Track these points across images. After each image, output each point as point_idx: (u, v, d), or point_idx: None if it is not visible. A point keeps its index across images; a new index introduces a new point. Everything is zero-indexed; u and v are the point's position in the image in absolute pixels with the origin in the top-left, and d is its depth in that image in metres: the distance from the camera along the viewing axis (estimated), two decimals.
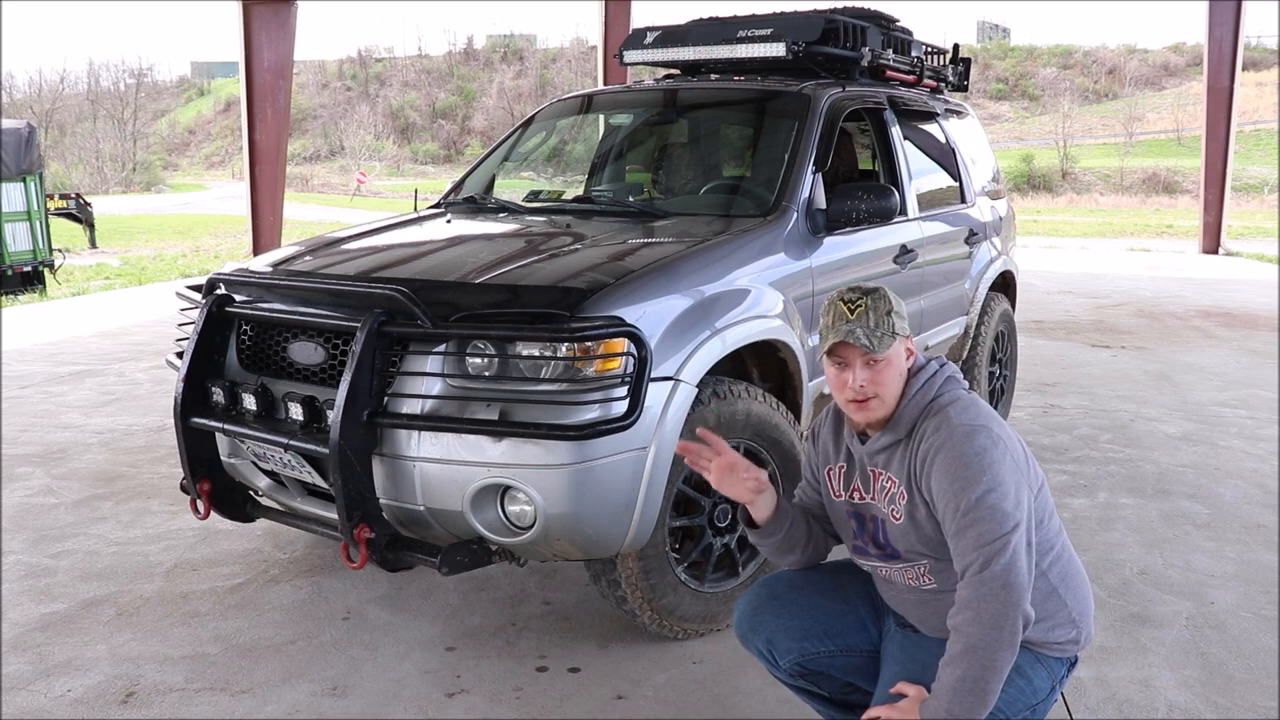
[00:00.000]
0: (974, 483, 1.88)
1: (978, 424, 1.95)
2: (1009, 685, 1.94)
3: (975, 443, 1.91)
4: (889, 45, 4.67)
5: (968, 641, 1.84)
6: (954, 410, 1.99)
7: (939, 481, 1.93)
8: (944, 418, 1.98)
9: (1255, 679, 2.88)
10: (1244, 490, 4.53)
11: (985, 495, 1.87)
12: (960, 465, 1.90)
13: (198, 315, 3.08)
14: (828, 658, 2.16)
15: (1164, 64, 65.89)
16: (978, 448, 1.91)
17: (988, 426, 1.95)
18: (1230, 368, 7.24)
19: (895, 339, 2.00)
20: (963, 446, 1.92)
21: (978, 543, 1.86)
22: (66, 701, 2.77)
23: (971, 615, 1.85)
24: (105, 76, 77.44)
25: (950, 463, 1.92)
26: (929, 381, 2.04)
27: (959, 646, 1.86)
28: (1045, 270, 13.69)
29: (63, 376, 6.87)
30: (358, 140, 63.51)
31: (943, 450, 1.93)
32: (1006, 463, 1.91)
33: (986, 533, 1.86)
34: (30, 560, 3.73)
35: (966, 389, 2.07)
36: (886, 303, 2.01)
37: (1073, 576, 2.04)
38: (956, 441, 1.92)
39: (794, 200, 3.56)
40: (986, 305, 5.19)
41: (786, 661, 2.18)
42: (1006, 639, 1.84)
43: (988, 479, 1.88)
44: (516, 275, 2.92)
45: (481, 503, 2.67)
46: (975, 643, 1.84)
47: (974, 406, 2.01)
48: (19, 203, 14.86)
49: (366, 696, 2.79)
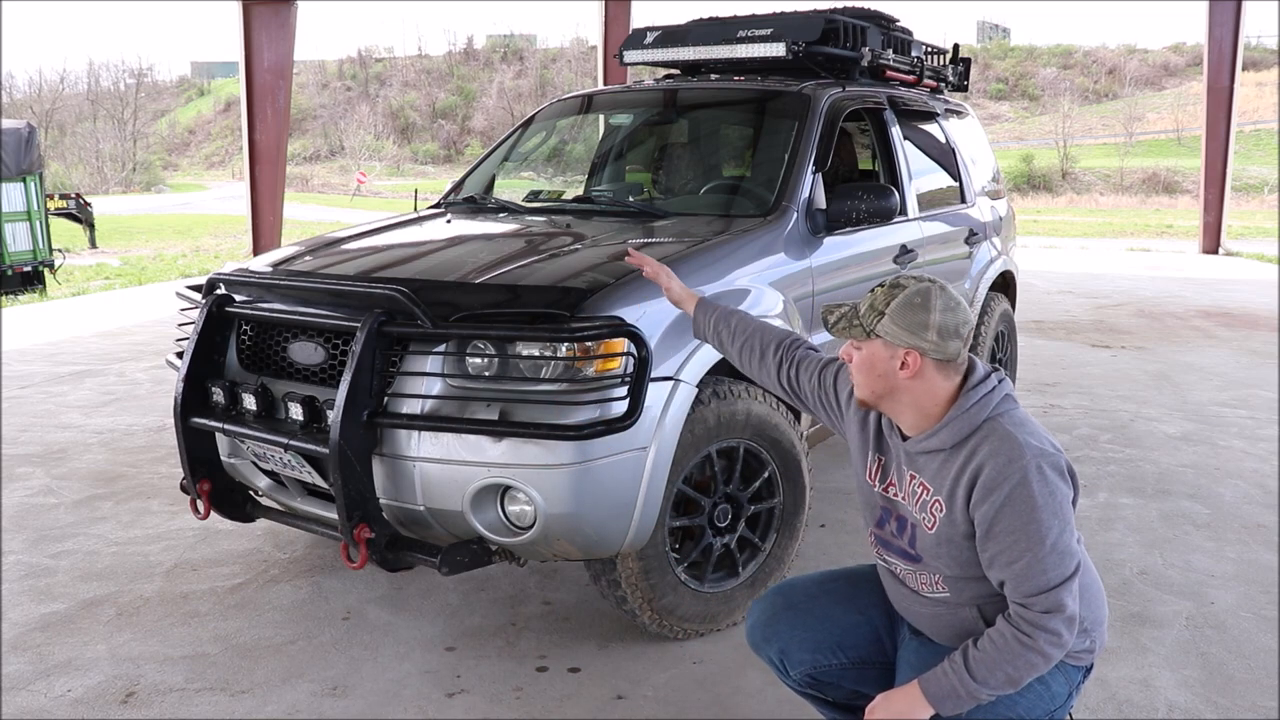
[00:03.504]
0: (1048, 527, 1.82)
1: (1044, 451, 1.87)
2: (1029, 693, 1.93)
3: (1046, 481, 1.84)
4: (889, 45, 4.67)
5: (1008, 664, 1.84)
6: (1019, 435, 1.88)
7: (1007, 519, 1.84)
8: (1007, 441, 1.88)
9: (1255, 679, 2.88)
10: (1244, 490, 4.53)
11: (1059, 539, 1.82)
12: (1032, 507, 1.83)
13: (198, 315, 3.08)
14: (839, 670, 2.15)
15: (1164, 64, 65.87)
16: (1049, 488, 1.83)
17: (1055, 455, 1.88)
18: (1230, 368, 7.24)
19: (869, 337, 1.93)
20: (1034, 487, 1.83)
21: (1044, 584, 1.82)
22: (66, 701, 2.77)
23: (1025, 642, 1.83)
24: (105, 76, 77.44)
25: (1022, 504, 1.83)
26: (986, 397, 1.93)
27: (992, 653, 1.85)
28: (1045, 270, 13.69)
29: (63, 376, 6.86)
30: (358, 140, 63.49)
31: (1009, 485, 1.84)
32: (1062, 508, 1.85)
33: (1055, 575, 1.82)
34: (30, 560, 3.73)
35: (1017, 404, 1.99)
36: (887, 300, 1.92)
37: (1089, 588, 2.00)
38: (1028, 480, 1.83)
39: (794, 200, 3.56)
40: (986, 305, 5.19)
41: (798, 673, 2.16)
42: (1038, 669, 1.85)
43: (1059, 521, 1.83)
44: (516, 275, 2.92)
45: (481, 503, 2.67)
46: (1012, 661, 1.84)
47: (1033, 432, 1.91)
48: (19, 203, 14.86)
49: (366, 696, 2.79)
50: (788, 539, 3.26)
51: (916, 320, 1.90)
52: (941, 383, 1.94)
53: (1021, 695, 1.92)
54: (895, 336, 1.91)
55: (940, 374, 1.94)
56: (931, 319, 1.89)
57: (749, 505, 3.13)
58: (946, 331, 1.90)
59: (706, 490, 3.03)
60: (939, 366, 1.93)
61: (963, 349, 1.94)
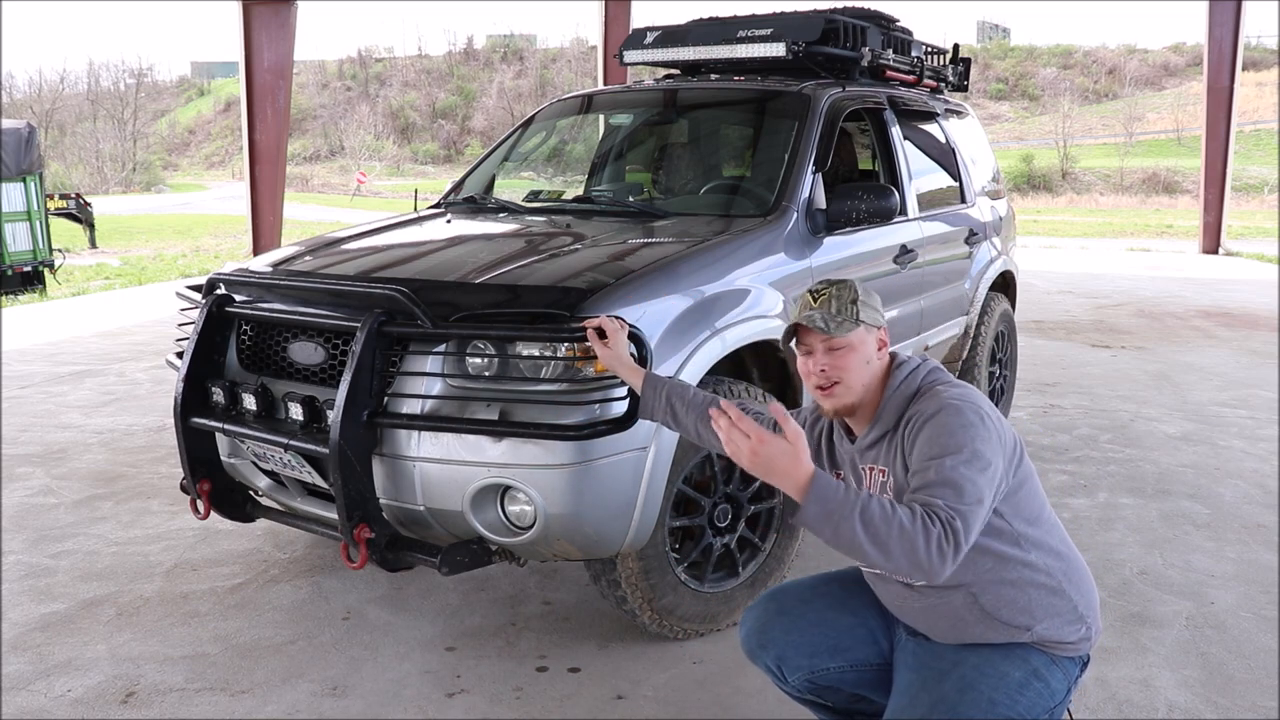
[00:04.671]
0: (954, 450, 1.82)
1: (969, 400, 1.92)
2: (1028, 690, 1.92)
3: (964, 416, 1.87)
4: (889, 45, 4.67)
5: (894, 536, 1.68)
6: (944, 388, 1.97)
7: (919, 446, 1.88)
8: (933, 394, 1.96)
9: (1255, 679, 2.88)
10: (1244, 490, 4.53)
11: (962, 463, 1.80)
12: (944, 433, 1.85)
13: (198, 315, 3.08)
14: (837, 673, 2.14)
15: (1164, 64, 65.86)
16: (966, 420, 1.87)
17: (978, 405, 1.92)
18: (1230, 368, 7.24)
19: (859, 326, 1.98)
20: (951, 417, 1.88)
21: (943, 496, 1.75)
22: (66, 701, 2.77)
23: (920, 532, 1.69)
24: (105, 76, 77.44)
25: (935, 429, 1.87)
26: (913, 373, 2.03)
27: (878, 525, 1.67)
28: (1045, 270, 13.69)
29: (63, 376, 6.86)
30: (358, 140, 63.49)
31: (930, 419, 1.90)
32: (992, 440, 1.87)
33: (957, 494, 1.76)
34: (30, 560, 3.73)
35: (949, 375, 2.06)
36: (852, 292, 2.01)
37: (1075, 571, 2.02)
38: (946, 413, 1.89)
39: (794, 200, 3.56)
40: (986, 305, 5.19)
41: (796, 679, 2.16)
42: (906, 565, 1.70)
43: (969, 450, 1.82)
44: (516, 275, 2.92)
45: (481, 503, 2.67)
46: (898, 544, 1.68)
47: (965, 387, 1.99)
48: (19, 203, 14.86)
49: (366, 696, 2.79)
50: (788, 539, 3.26)
51: (872, 302, 2.04)
52: (882, 363, 2.06)
53: (1021, 693, 1.92)
54: (871, 319, 2.02)
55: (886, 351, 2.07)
56: (877, 300, 2.06)
57: (749, 505, 3.13)
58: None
59: (706, 490, 3.03)
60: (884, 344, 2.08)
61: None
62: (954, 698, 1.92)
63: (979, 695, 1.91)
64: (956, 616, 1.98)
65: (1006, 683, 1.93)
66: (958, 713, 1.90)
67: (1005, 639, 1.97)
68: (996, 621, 1.96)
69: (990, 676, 1.93)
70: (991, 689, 1.92)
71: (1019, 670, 1.94)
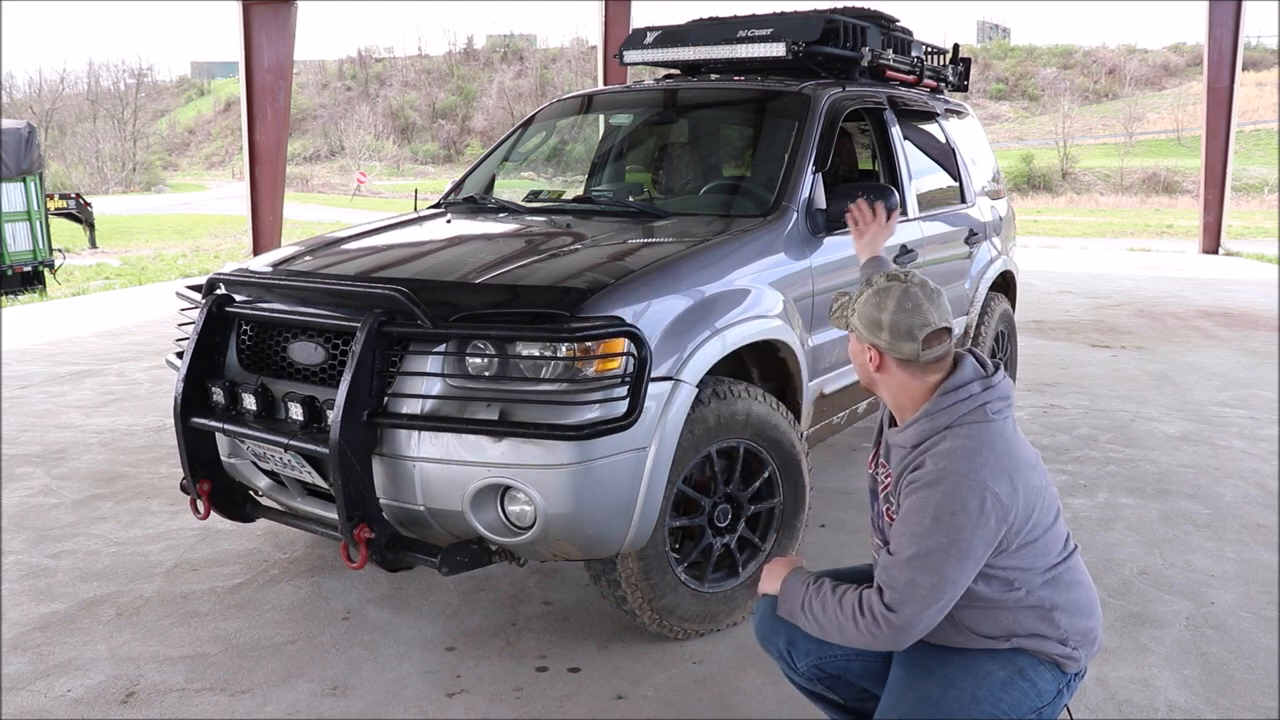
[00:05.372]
0: (936, 532, 1.84)
1: (974, 479, 1.85)
2: (1013, 689, 1.94)
3: (958, 501, 1.84)
4: (889, 45, 4.67)
5: (841, 626, 1.95)
6: (962, 445, 1.89)
7: (907, 506, 1.91)
8: (955, 455, 1.88)
9: (1255, 679, 2.88)
10: (1244, 490, 4.53)
11: (941, 551, 1.83)
12: (930, 516, 1.85)
13: (198, 315, 3.08)
14: (844, 660, 2.16)
15: (1164, 64, 65.88)
16: (957, 507, 1.83)
17: (983, 484, 1.85)
18: (1230, 368, 7.24)
19: (849, 330, 2.06)
20: (945, 500, 1.85)
21: (908, 585, 1.86)
22: (66, 701, 2.77)
23: (861, 622, 1.92)
24: (105, 76, 77.55)
25: (925, 502, 1.86)
26: (956, 404, 1.94)
27: (832, 620, 1.97)
28: (1045, 270, 13.69)
29: (63, 376, 6.86)
30: (358, 140, 63.50)
31: (928, 486, 1.87)
32: (985, 528, 1.84)
33: (920, 584, 1.85)
34: (30, 560, 3.73)
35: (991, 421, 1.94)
36: (860, 297, 2.02)
37: (1072, 598, 2.00)
38: (943, 490, 1.85)
39: (794, 200, 3.56)
40: (986, 305, 5.19)
41: (804, 664, 2.18)
42: (864, 646, 1.96)
43: (947, 537, 1.83)
44: (516, 275, 2.92)
45: (481, 503, 2.67)
46: (847, 633, 1.95)
47: (988, 463, 1.87)
48: (19, 203, 14.87)
49: (366, 696, 2.79)
50: (788, 539, 3.26)
51: (872, 319, 1.98)
52: (910, 380, 1.99)
53: (1005, 691, 1.95)
54: (860, 332, 2.01)
55: (906, 372, 1.98)
56: (884, 319, 1.96)
57: (749, 505, 3.13)
58: (898, 332, 1.95)
59: (706, 490, 3.03)
60: (901, 365, 1.98)
61: (921, 350, 1.95)
62: (938, 694, 1.95)
63: (961, 692, 1.94)
64: (939, 629, 1.99)
65: (990, 681, 1.95)
66: (941, 709, 1.93)
67: (984, 647, 2.00)
68: (975, 635, 2.00)
69: (974, 675, 1.96)
70: (975, 686, 1.95)
71: (1003, 669, 1.97)
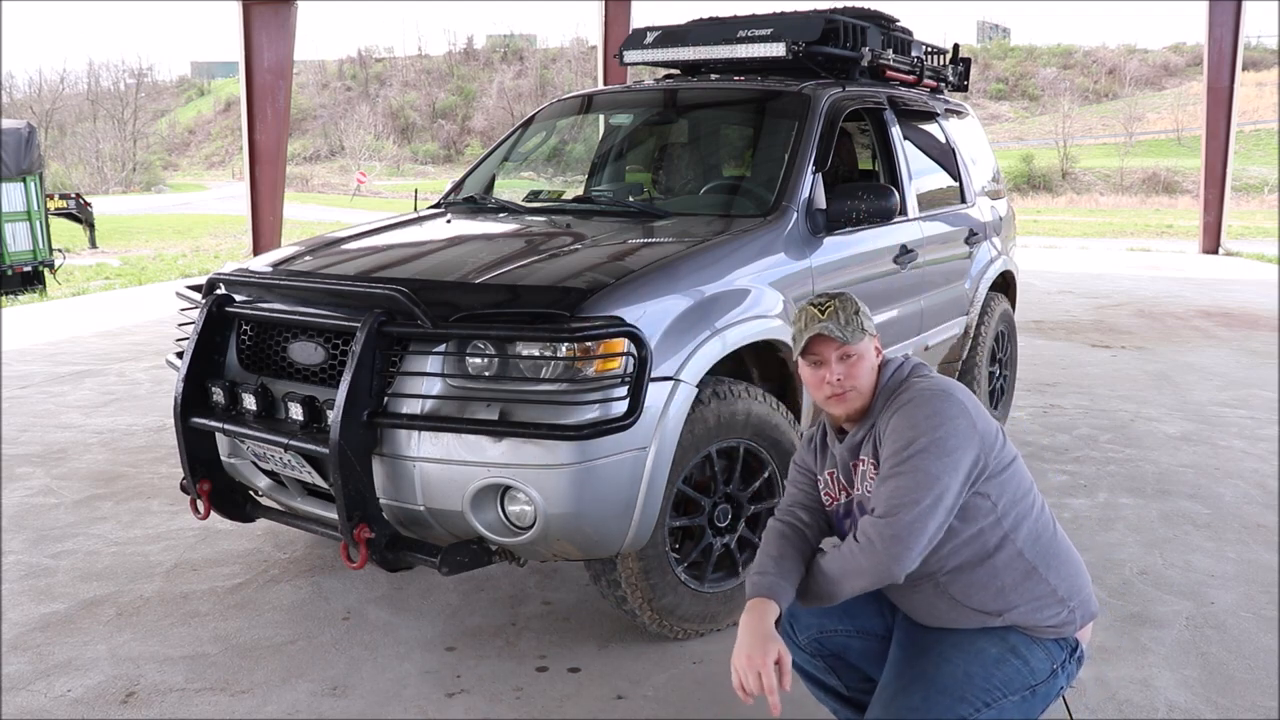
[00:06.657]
0: (916, 436, 1.95)
1: (942, 389, 2.03)
2: (1005, 665, 1.99)
3: (933, 404, 1.99)
4: (889, 45, 4.67)
5: (844, 566, 2.00)
6: (921, 380, 2.08)
7: (889, 435, 2.01)
8: (909, 385, 2.07)
9: (1255, 679, 2.88)
10: (1244, 490, 4.53)
11: (922, 451, 1.94)
12: (910, 422, 1.98)
13: (198, 315, 3.08)
14: (844, 637, 2.21)
15: (1164, 64, 65.89)
16: (933, 409, 1.98)
17: (951, 393, 2.02)
18: (1230, 368, 7.24)
19: (865, 335, 2.10)
20: (919, 406, 2.00)
21: (893, 493, 1.94)
22: (66, 701, 2.77)
23: (858, 549, 1.97)
24: (105, 76, 77.59)
25: (903, 417, 2.00)
26: (898, 370, 2.13)
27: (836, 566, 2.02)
28: (1045, 270, 13.69)
29: (63, 376, 6.87)
30: (358, 140, 63.51)
31: (901, 409, 2.02)
32: (960, 424, 1.96)
33: (906, 487, 1.92)
34: (30, 560, 3.73)
35: (931, 373, 2.15)
36: (853, 304, 2.11)
37: (1056, 555, 2.06)
38: (917, 401, 2.01)
39: (794, 200, 3.56)
40: (986, 305, 5.19)
41: (805, 637, 2.20)
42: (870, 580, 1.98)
43: (927, 437, 1.95)
44: (516, 275, 2.92)
45: (481, 503, 2.67)
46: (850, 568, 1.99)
47: (943, 380, 2.10)
48: (19, 203, 14.87)
49: (366, 696, 2.79)
50: None
51: (866, 311, 2.15)
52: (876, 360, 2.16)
53: (997, 668, 1.99)
54: (871, 327, 2.13)
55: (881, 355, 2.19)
56: (862, 307, 2.15)
57: (749, 505, 3.13)
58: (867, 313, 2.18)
59: (706, 490, 3.03)
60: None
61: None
62: (931, 671, 2.01)
63: (954, 668, 1.99)
64: (929, 604, 2.07)
65: (983, 658, 2.00)
66: (934, 684, 1.98)
67: (977, 624, 2.04)
68: (966, 608, 2.04)
69: (967, 651, 2.02)
70: (967, 662, 2.00)
71: (995, 647, 2.02)
